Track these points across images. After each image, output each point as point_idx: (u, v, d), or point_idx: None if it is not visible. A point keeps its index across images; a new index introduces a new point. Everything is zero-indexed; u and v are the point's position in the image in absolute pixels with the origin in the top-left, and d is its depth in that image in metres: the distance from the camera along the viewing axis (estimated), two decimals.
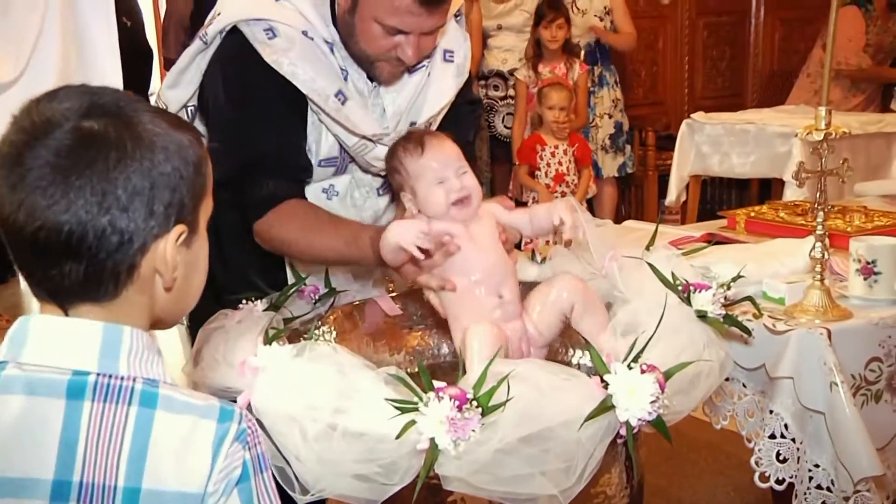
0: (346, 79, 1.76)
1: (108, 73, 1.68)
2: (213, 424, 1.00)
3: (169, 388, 1.02)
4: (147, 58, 5.39)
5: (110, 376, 1.00)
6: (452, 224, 1.61)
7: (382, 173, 1.85)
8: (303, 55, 1.70)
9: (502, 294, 1.61)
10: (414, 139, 1.66)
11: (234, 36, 1.72)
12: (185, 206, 1.04)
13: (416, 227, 1.55)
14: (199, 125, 1.90)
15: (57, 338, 1.02)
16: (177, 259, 1.04)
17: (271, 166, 1.73)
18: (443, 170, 1.61)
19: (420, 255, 1.52)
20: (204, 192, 1.08)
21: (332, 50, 1.75)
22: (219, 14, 1.75)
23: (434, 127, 1.87)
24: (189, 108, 1.89)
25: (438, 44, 1.82)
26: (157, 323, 1.10)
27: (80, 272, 0.99)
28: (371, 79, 1.80)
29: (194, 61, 1.81)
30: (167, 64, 5.47)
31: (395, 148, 1.69)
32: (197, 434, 1.00)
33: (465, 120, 1.93)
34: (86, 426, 0.98)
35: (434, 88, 1.84)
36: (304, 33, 1.72)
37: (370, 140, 1.77)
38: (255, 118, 1.73)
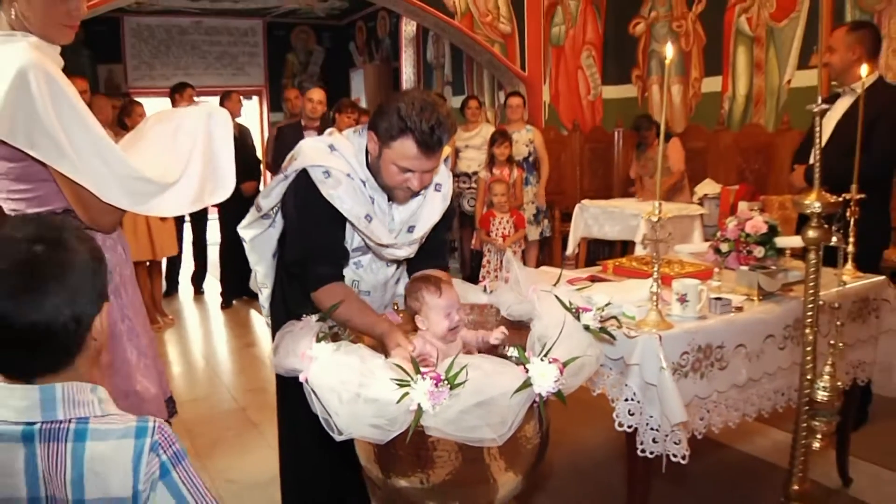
0: (373, 203, 1.71)
1: (227, 178, 1.64)
2: (132, 443, 0.89)
3: (97, 422, 0.90)
4: (254, 166, 5.27)
5: (51, 422, 0.89)
6: (434, 346, 1.57)
7: (389, 258, 1.80)
8: (346, 191, 1.65)
9: None
10: (434, 283, 1.61)
11: (303, 173, 1.68)
12: (104, 288, 0.93)
13: (408, 354, 1.47)
14: (279, 223, 1.87)
15: (7, 400, 0.89)
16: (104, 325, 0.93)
17: (324, 255, 1.69)
18: (449, 308, 1.59)
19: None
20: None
21: (364, 185, 1.70)
22: (296, 158, 1.71)
23: (426, 233, 1.78)
24: (273, 210, 1.85)
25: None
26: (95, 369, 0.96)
27: (46, 356, 0.88)
28: (390, 199, 1.74)
29: (278, 185, 1.77)
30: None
31: (419, 286, 1.62)
32: (120, 452, 0.88)
33: (442, 225, 1.85)
34: (41, 461, 0.88)
35: (427, 207, 1.78)
36: (348, 175, 1.67)
37: (384, 245, 1.73)
38: (314, 224, 1.69)
